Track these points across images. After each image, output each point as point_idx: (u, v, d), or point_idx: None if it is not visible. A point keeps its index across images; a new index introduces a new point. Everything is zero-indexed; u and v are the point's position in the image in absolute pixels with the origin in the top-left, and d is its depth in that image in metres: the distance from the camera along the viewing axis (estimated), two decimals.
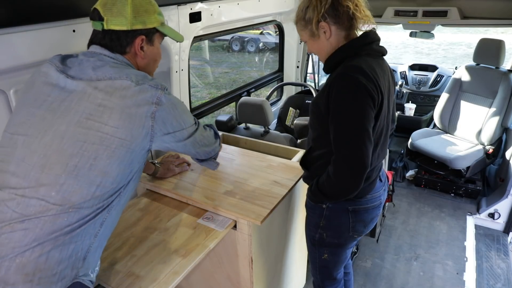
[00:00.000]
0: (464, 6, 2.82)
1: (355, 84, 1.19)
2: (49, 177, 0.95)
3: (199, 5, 2.07)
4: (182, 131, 1.16)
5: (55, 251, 0.93)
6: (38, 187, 0.94)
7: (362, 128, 1.21)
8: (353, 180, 1.26)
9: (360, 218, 1.46)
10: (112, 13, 1.09)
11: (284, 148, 2.14)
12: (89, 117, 0.98)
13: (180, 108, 1.15)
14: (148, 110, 1.03)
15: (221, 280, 1.73)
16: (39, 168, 0.95)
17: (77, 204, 0.96)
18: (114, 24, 1.09)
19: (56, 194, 0.94)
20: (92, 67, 1.04)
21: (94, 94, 1.00)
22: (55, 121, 0.99)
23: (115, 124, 0.99)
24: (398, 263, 2.58)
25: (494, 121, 3.09)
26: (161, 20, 1.19)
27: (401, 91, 4.07)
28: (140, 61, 1.18)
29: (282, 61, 3.61)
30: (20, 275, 0.88)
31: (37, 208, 0.92)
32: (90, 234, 1.01)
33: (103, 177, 0.99)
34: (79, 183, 0.96)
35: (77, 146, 0.97)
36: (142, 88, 1.03)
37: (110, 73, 1.03)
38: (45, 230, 0.92)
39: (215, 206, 1.54)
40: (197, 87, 8.43)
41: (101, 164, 0.98)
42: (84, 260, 1.00)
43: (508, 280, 2.44)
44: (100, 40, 1.11)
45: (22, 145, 0.98)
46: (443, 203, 3.25)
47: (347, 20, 1.28)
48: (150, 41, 1.18)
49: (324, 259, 1.60)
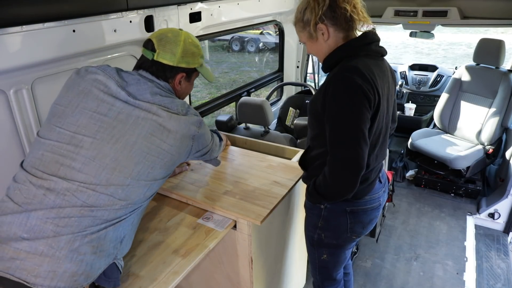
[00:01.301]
0: (464, 6, 2.82)
1: (351, 84, 1.19)
2: (119, 179, 1.12)
3: (199, 5, 2.07)
4: (207, 147, 1.40)
5: (111, 231, 1.13)
6: (109, 185, 1.11)
7: (357, 128, 1.21)
8: (348, 181, 1.26)
9: (359, 219, 1.46)
10: (165, 49, 1.27)
11: (284, 148, 2.14)
12: (153, 133, 1.18)
13: (207, 129, 1.38)
14: (192, 133, 1.26)
15: (221, 280, 1.73)
16: (111, 170, 1.11)
17: (134, 200, 1.17)
18: (163, 58, 1.27)
19: (122, 192, 1.13)
20: (150, 92, 1.22)
21: (157, 115, 1.19)
22: (126, 131, 1.15)
23: (171, 143, 1.20)
24: (398, 263, 2.58)
25: (494, 121, 3.09)
26: (201, 62, 1.38)
27: (401, 91, 4.07)
28: (176, 92, 1.35)
29: (282, 61, 3.61)
30: (89, 247, 1.07)
31: (106, 202, 1.10)
32: (130, 222, 1.20)
33: (154, 182, 1.21)
34: (139, 185, 1.16)
35: (142, 156, 1.16)
36: (189, 117, 1.26)
37: (165, 101, 1.22)
38: (109, 217, 1.12)
39: (215, 206, 1.54)
40: (197, 87, 8.42)
41: (155, 173, 1.20)
42: (121, 243, 1.18)
43: (508, 280, 2.44)
44: (149, 68, 1.28)
45: (90, 146, 1.11)
46: (443, 203, 3.25)
47: (345, 22, 1.28)
48: (188, 78, 1.37)
49: (323, 259, 1.60)
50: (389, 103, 1.42)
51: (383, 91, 1.30)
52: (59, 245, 1.03)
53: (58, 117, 1.15)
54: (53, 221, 1.04)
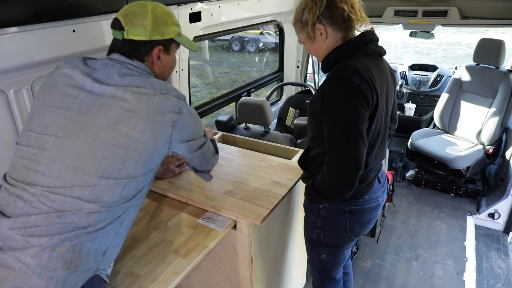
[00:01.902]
0: (464, 6, 2.82)
1: (349, 84, 1.20)
2: (82, 178, 1.01)
3: (199, 5, 2.07)
4: (195, 141, 1.24)
5: (87, 243, 1.01)
6: (72, 187, 1.00)
7: (355, 128, 1.21)
8: (347, 180, 1.26)
9: (357, 219, 1.46)
10: (133, 24, 1.14)
11: (284, 148, 2.14)
12: (118, 121, 1.04)
13: (196, 120, 1.22)
14: (170, 118, 1.10)
15: (221, 280, 1.73)
16: (73, 169, 1.01)
17: (108, 203, 1.04)
18: (134, 35, 1.15)
19: (90, 194, 1.01)
20: (118, 74, 1.09)
21: (123, 99, 1.05)
22: (86, 123, 1.04)
23: (141, 129, 1.05)
24: (398, 263, 2.58)
25: (494, 121, 3.09)
26: (178, 31, 1.24)
27: (401, 91, 4.07)
28: (156, 69, 1.23)
29: (282, 61, 3.61)
30: (60, 262, 0.97)
31: (73, 205, 1.00)
32: (113, 231, 1.08)
33: (130, 180, 1.07)
34: (110, 184, 1.03)
35: (107, 150, 1.03)
36: (166, 97, 1.10)
37: (136, 81, 1.09)
38: (80, 224, 1.00)
39: (215, 206, 1.54)
40: (197, 87, 8.43)
41: (128, 168, 1.05)
42: (104, 255, 1.07)
43: (508, 280, 2.44)
44: (120, 49, 1.17)
45: (53, 146, 1.03)
46: (443, 203, 3.25)
47: (342, 22, 1.28)
48: (167, 51, 1.23)
49: (322, 259, 1.60)
50: (389, 103, 1.42)
51: (382, 90, 1.30)
52: (26, 259, 0.95)
53: (29, 119, 1.10)
54: (19, 231, 0.97)
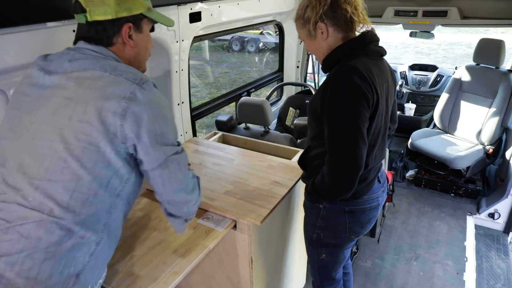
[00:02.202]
0: (464, 6, 2.82)
1: (349, 84, 1.20)
2: (23, 182, 0.90)
3: (199, 5, 2.07)
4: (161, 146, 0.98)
5: (47, 264, 0.88)
6: (16, 191, 0.90)
7: (356, 128, 1.21)
8: (347, 180, 1.26)
9: (357, 219, 1.46)
10: (94, 3, 0.99)
11: (284, 148, 2.14)
12: (56, 112, 0.91)
13: (163, 112, 0.99)
14: (116, 105, 0.90)
15: (221, 280, 1.73)
16: (16, 172, 0.91)
17: (56, 213, 0.89)
18: (97, 15, 1.00)
19: (33, 200, 0.89)
20: (69, 60, 0.97)
21: (63, 87, 0.93)
22: (26, 122, 0.93)
23: (79, 117, 0.89)
24: (398, 263, 2.58)
25: (494, 121, 3.09)
26: (147, 5, 1.10)
27: (401, 91, 4.07)
28: (130, 50, 1.08)
29: (282, 61, 3.61)
30: None
31: (18, 214, 0.88)
32: (84, 252, 0.94)
33: (77, 182, 0.91)
34: (53, 188, 0.90)
35: (46, 147, 0.90)
36: (115, 79, 0.92)
37: (85, 64, 0.95)
38: (31, 239, 0.87)
39: (215, 206, 1.54)
40: (197, 87, 8.43)
41: (72, 167, 0.90)
42: (78, 277, 0.94)
43: (508, 280, 2.44)
44: (85, 34, 1.02)
45: (4, 150, 0.96)
46: (443, 203, 3.25)
47: (344, 23, 1.29)
48: (138, 28, 1.08)
49: (322, 259, 1.60)
50: (389, 103, 1.42)
51: (382, 90, 1.30)
52: None
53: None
54: None
